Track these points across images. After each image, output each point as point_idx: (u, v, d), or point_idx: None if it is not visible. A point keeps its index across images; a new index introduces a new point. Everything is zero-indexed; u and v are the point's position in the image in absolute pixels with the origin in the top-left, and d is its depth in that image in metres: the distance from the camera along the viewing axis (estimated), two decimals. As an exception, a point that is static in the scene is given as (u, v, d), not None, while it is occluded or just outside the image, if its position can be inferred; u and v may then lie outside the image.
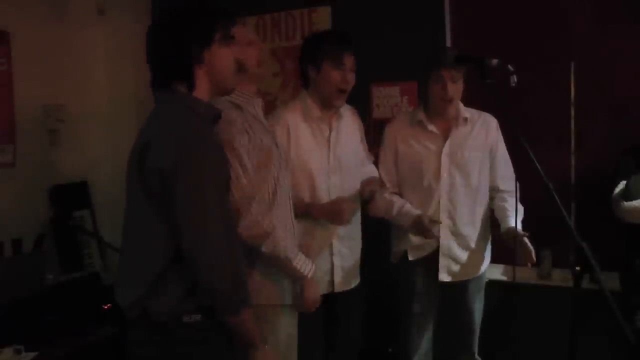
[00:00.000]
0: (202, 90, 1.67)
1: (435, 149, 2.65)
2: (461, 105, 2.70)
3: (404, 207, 2.64)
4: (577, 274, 1.61)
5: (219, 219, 1.55)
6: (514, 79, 2.05)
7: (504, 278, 3.35)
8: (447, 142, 2.65)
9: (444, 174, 2.63)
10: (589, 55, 3.19)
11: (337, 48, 2.47)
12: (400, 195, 2.73)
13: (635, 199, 2.71)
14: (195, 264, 1.54)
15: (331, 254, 2.55)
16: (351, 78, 2.51)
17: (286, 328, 2.22)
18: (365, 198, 2.55)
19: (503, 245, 2.65)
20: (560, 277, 3.28)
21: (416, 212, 2.60)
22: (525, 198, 3.06)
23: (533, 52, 3.27)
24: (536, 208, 2.99)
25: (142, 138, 1.62)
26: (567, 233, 1.68)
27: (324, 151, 2.52)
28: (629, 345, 1.55)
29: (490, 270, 3.10)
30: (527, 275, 3.39)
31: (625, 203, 2.73)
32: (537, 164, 1.76)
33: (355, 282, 2.68)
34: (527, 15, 3.34)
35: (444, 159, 2.64)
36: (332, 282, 2.56)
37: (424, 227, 2.51)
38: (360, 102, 3.43)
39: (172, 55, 1.65)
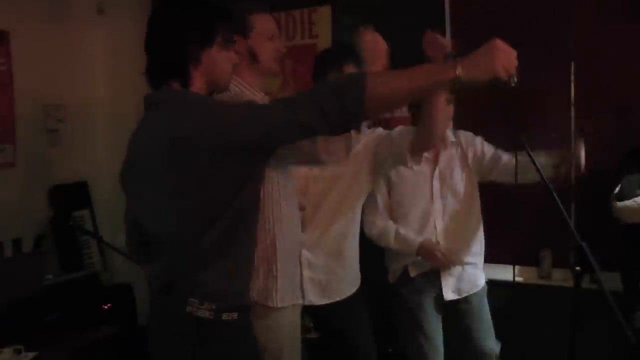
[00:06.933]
0: (196, 88, 1.66)
1: (426, 173, 2.71)
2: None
3: (400, 234, 2.67)
4: (577, 274, 1.61)
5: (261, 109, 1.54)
6: (514, 79, 2.05)
7: (504, 278, 3.34)
8: (437, 166, 2.71)
9: (437, 197, 2.69)
10: (589, 55, 3.19)
11: (339, 61, 2.47)
12: (395, 219, 2.73)
13: (628, 199, 2.76)
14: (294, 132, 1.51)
15: (300, 265, 2.42)
16: None
17: (288, 327, 2.20)
18: None
19: (503, 246, 2.65)
20: (560, 277, 3.28)
21: (416, 240, 2.64)
22: (525, 198, 3.07)
23: (533, 52, 3.27)
24: (536, 208, 2.99)
25: (156, 133, 1.58)
26: (567, 233, 1.67)
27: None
28: (629, 345, 1.55)
29: (491, 270, 3.10)
30: (527, 275, 3.39)
31: (617, 203, 2.79)
32: (537, 164, 1.76)
33: (345, 294, 2.62)
34: (527, 15, 3.34)
35: (435, 182, 2.70)
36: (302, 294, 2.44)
37: (435, 256, 2.61)
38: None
39: (167, 54, 1.64)
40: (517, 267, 3.32)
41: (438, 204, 2.69)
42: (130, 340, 3.42)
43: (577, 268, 1.60)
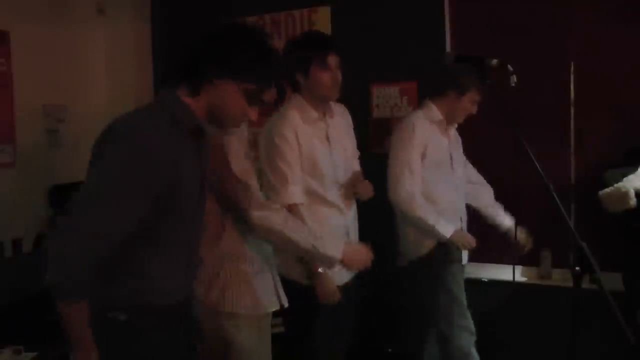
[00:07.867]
0: (196, 104, 1.64)
1: (447, 145, 2.87)
2: None
3: (439, 222, 2.74)
4: (577, 274, 1.61)
5: (89, 212, 1.59)
6: (514, 79, 2.05)
7: (504, 278, 3.35)
8: (452, 140, 2.90)
9: (455, 166, 2.88)
10: (589, 55, 3.19)
11: (322, 50, 2.46)
12: (429, 184, 2.79)
13: None
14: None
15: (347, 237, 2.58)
16: (339, 75, 2.50)
17: (251, 335, 2.14)
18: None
19: (503, 246, 2.65)
20: (560, 277, 3.29)
21: (450, 228, 2.73)
22: (525, 198, 3.07)
23: (533, 52, 3.27)
24: (536, 208, 3.00)
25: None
26: (567, 233, 1.68)
27: (327, 149, 2.55)
28: (629, 345, 1.55)
29: (491, 271, 3.10)
30: (527, 275, 3.39)
31: (599, 192, 2.84)
32: (537, 164, 1.76)
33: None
34: (527, 15, 3.34)
35: (452, 153, 2.88)
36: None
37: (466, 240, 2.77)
38: (360, 102, 3.42)
39: (184, 58, 1.65)
40: (517, 267, 3.32)
41: (457, 172, 2.88)
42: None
43: (577, 268, 1.60)
